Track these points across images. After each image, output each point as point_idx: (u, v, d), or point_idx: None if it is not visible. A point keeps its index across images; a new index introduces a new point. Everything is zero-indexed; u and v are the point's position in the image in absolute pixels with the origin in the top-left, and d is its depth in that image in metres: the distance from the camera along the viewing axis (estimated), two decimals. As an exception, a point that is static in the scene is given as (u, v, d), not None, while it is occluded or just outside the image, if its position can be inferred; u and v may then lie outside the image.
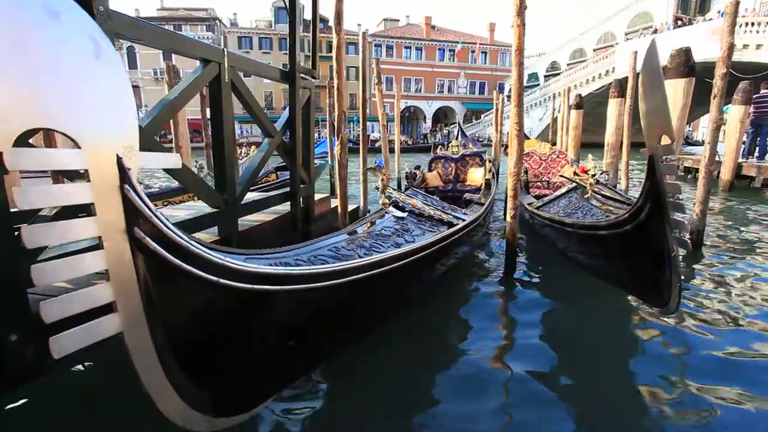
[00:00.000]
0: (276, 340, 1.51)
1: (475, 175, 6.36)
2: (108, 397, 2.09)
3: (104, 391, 2.16)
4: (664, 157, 1.94)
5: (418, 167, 6.60)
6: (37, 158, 0.85)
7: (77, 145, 0.89)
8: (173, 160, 1.18)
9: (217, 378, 1.32)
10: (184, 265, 1.10)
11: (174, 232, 1.08)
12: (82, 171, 0.91)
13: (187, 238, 1.12)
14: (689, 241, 2.05)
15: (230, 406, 1.40)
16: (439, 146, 7.27)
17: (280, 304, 1.45)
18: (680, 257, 2.10)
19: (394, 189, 3.42)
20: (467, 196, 5.30)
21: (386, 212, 3.02)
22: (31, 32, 0.82)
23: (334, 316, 1.79)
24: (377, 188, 3.20)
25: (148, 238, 1.00)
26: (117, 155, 0.94)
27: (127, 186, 0.95)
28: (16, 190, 0.81)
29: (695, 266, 4.01)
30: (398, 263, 2.02)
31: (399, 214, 2.99)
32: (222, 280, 1.20)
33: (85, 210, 0.94)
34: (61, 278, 0.88)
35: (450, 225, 3.06)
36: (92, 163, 0.90)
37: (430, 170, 6.69)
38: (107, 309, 0.97)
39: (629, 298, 3.18)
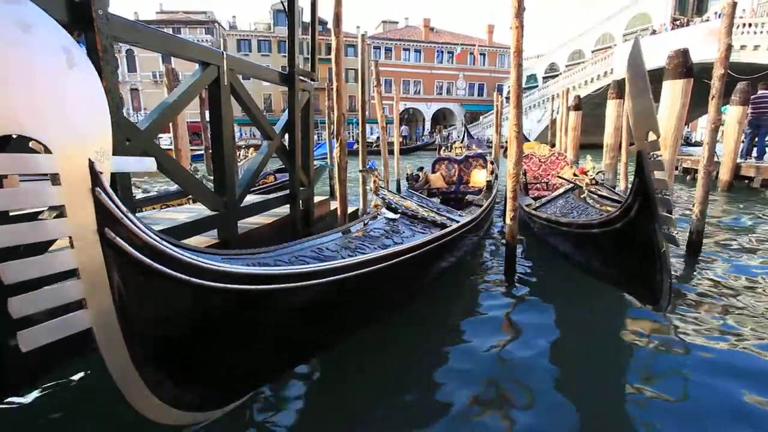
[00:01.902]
0: (246, 339, 1.51)
1: (479, 177, 6.36)
2: (109, 401, 2.09)
3: (105, 393, 2.16)
4: (651, 153, 1.96)
5: (420, 169, 6.60)
6: (10, 162, 0.89)
7: (48, 150, 0.92)
8: (147, 164, 1.21)
9: (188, 373, 1.35)
10: (155, 264, 1.14)
11: (145, 233, 1.11)
12: (51, 175, 0.94)
13: (158, 238, 1.15)
14: (677, 237, 2.06)
15: (202, 401, 1.42)
16: (443, 147, 7.28)
17: (249, 304, 1.46)
18: (669, 254, 2.11)
19: (388, 190, 3.41)
20: (469, 197, 5.30)
21: (378, 214, 3.00)
22: (3, 45, 0.86)
23: (309, 317, 1.76)
24: (371, 190, 3.20)
25: (119, 239, 1.04)
26: (89, 159, 0.98)
27: (98, 189, 0.99)
28: None
29: (694, 266, 4.01)
30: (380, 265, 1.98)
31: (391, 215, 2.97)
32: (192, 279, 1.23)
33: None
34: (31, 276, 0.91)
35: (443, 227, 3.03)
36: (63, 167, 0.94)
37: (433, 172, 6.70)
38: (78, 305, 1.01)
39: (627, 297, 3.19)
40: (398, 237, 2.62)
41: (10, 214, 1.44)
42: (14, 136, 1.10)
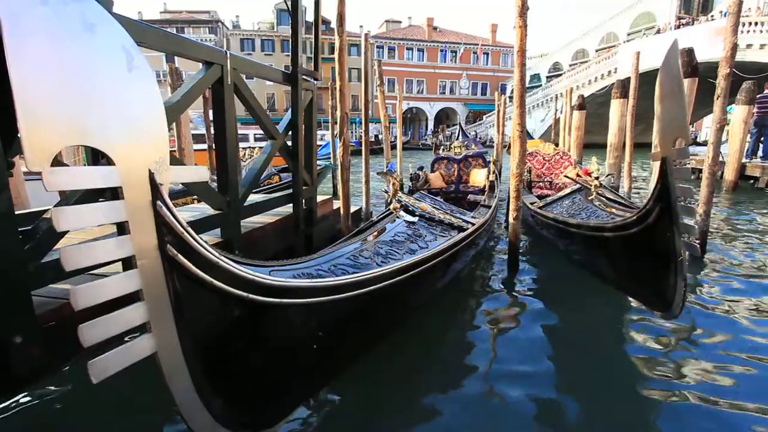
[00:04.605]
0: (306, 352, 1.52)
1: (478, 176, 6.35)
2: (112, 400, 2.10)
3: (108, 393, 2.17)
4: (677, 161, 1.91)
5: (421, 168, 6.59)
6: (75, 177, 0.83)
7: (111, 162, 0.86)
8: (202, 174, 1.15)
9: (248, 394, 1.32)
10: (217, 283, 1.09)
11: (206, 249, 1.06)
12: (116, 188, 0.88)
13: (218, 254, 1.10)
14: (698, 246, 2.03)
15: (259, 420, 1.40)
16: (442, 147, 7.25)
17: (310, 317, 1.47)
18: (687, 262, 2.08)
19: (403, 193, 3.42)
20: (471, 197, 5.30)
21: (397, 217, 3.01)
22: (67, 45, 0.81)
23: (360, 324, 1.83)
24: (386, 192, 3.20)
25: (180, 256, 0.99)
26: (149, 170, 0.92)
27: (159, 202, 0.93)
28: (54, 212, 0.79)
29: (698, 267, 3.98)
30: (417, 270, 2.06)
31: (410, 218, 2.98)
32: (252, 296, 1.19)
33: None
34: (98, 300, 0.86)
35: (460, 229, 3.07)
36: (126, 179, 0.88)
37: (432, 171, 6.68)
38: (140, 329, 0.96)
39: (631, 300, 3.16)
40: (422, 241, 2.67)
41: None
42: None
